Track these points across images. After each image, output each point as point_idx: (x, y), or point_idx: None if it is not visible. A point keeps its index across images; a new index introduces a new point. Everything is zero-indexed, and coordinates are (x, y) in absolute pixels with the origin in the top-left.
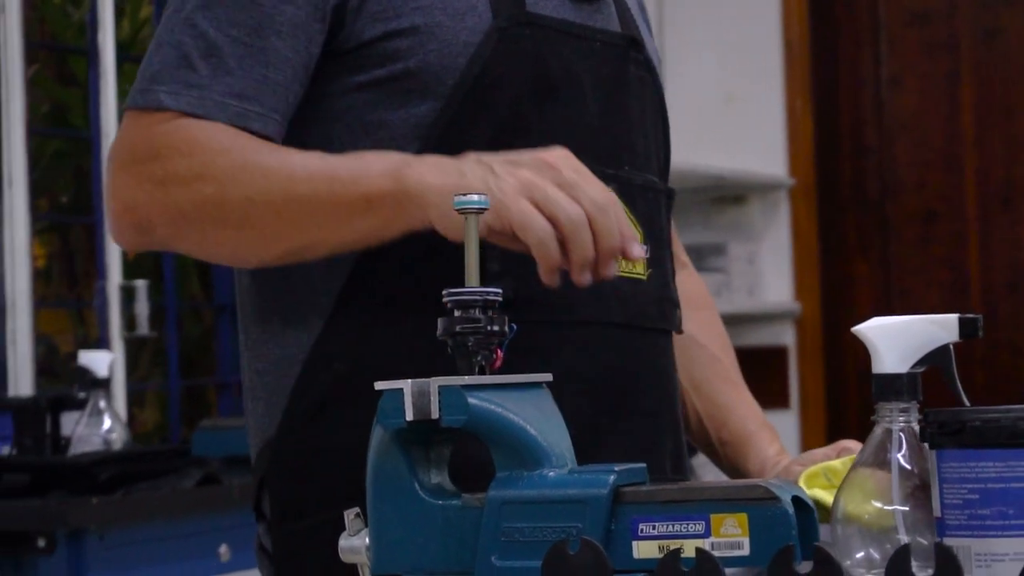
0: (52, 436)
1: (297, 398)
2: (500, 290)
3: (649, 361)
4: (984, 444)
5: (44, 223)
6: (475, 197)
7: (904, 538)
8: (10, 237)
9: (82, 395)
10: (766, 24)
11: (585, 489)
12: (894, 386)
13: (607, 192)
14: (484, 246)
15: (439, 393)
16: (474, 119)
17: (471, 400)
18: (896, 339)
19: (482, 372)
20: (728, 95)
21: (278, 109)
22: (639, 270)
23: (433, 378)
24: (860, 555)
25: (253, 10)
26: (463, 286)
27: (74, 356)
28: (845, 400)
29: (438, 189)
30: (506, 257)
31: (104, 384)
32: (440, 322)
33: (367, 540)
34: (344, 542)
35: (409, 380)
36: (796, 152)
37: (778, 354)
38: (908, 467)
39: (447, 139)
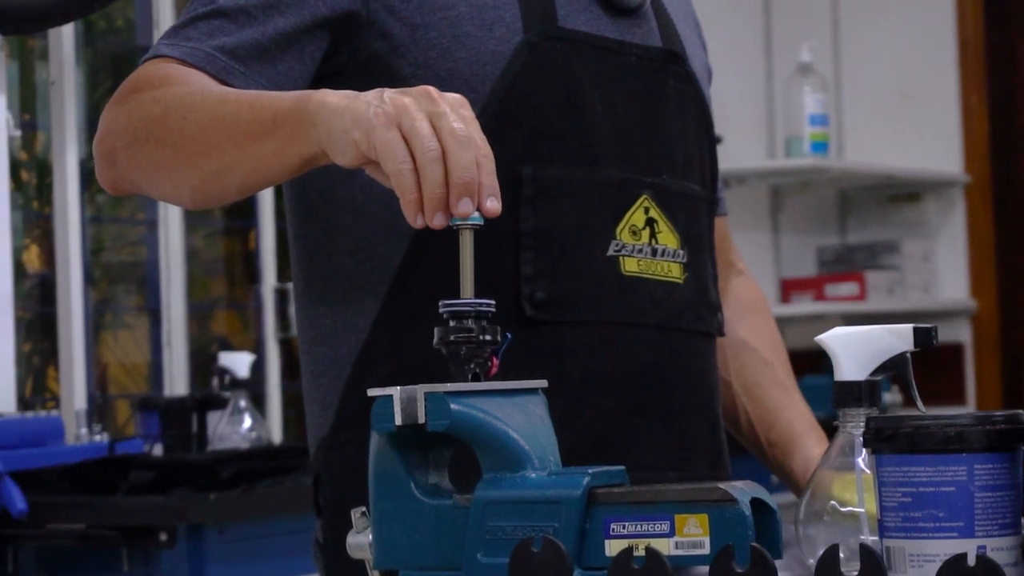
0: (199, 435)
1: (347, 399)
2: (493, 302)
3: (683, 362)
4: (916, 450)
5: (214, 227)
6: (476, 214)
7: (867, 538)
8: (165, 241)
9: (226, 395)
10: (940, 21)
11: (561, 490)
12: (853, 393)
13: (472, 131)
14: (519, 250)
15: (425, 399)
16: (506, 130)
17: (454, 406)
18: (855, 348)
19: (476, 379)
20: (903, 93)
21: (264, 74)
22: (675, 274)
23: (420, 385)
24: None
25: None
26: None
27: None
28: (1023, 396)
29: (332, 107)
30: (540, 260)
31: (244, 384)
32: (436, 331)
33: (371, 537)
34: (351, 539)
35: (399, 387)
36: (971, 149)
37: (954, 351)
38: (869, 471)
39: None
